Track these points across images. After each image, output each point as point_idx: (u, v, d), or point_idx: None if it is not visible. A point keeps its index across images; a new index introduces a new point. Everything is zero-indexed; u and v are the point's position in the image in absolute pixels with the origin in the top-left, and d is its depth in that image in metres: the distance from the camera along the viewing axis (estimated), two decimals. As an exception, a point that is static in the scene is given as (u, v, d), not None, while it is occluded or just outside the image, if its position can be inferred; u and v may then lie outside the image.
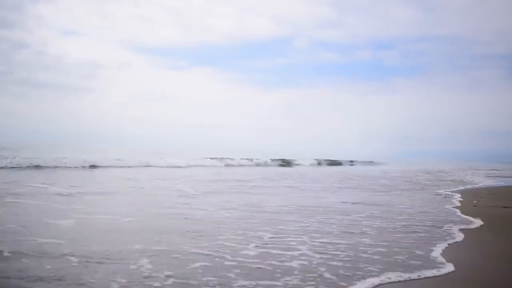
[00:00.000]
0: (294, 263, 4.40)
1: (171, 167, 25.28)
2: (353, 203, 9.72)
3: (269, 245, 5.20)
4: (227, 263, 4.41)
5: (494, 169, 38.18)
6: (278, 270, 4.16)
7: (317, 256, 4.73)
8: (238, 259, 4.56)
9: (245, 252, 4.86)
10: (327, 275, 4.04)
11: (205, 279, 3.89)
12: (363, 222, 7.04)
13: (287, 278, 3.90)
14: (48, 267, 4.10)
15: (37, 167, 18.63)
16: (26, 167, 18.23)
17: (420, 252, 5.04)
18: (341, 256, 4.78)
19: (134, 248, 4.86)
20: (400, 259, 4.71)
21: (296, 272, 4.10)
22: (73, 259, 4.36)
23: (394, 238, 5.87)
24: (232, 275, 4.01)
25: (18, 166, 18.07)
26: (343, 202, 9.98)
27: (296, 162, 40.26)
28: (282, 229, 6.29)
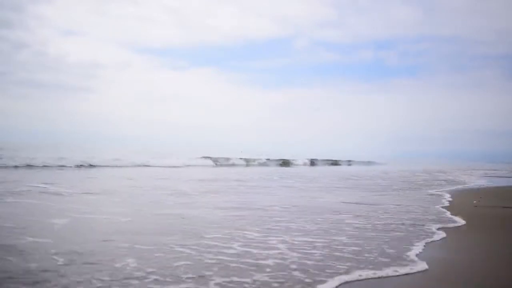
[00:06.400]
0: (269, 261, 4.60)
1: (169, 167, 25.52)
2: (345, 203, 9.92)
3: (251, 244, 5.41)
4: (207, 261, 4.62)
5: (493, 169, 38.18)
6: (252, 268, 4.36)
7: (293, 254, 4.94)
8: (219, 257, 4.77)
9: (227, 251, 5.07)
10: (296, 273, 4.23)
11: (184, 276, 4.10)
12: (347, 221, 7.25)
13: (258, 276, 4.11)
14: (33, 265, 4.30)
15: (30, 166, 18.88)
16: (24, 166, 18.47)
17: (393, 251, 5.21)
18: (315, 254, 4.97)
19: (121, 247, 5.08)
20: (372, 257, 4.88)
21: (268, 270, 4.29)
22: (59, 258, 4.56)
23: (370, 236, 6.05)
24: (210, 272, 4.22)
25: (16, 165, 18.31)
26: (336, 202, 10.18)
27: (296, 162, 40.52)
28: (268, 228, 6.50)
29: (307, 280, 4.04)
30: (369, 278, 4.19)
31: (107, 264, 4.41)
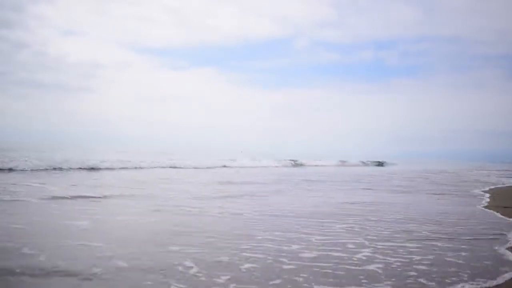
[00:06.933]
0: (371, 267, 3.96)
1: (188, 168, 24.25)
2: (383, 203, 9.18)
3: (321, 247, 4.72)
4: (285, 267, 3.93)
5: (496, 169, 37.22)
6: (360, 276, 3.72)
7: (391, 259, 4.29)
8: (295, 262, 4.08)
9: (300, 254, 4.37)
10: (422, 280, 3.60)
11: (271, 282, 3.43)
12: (411, 225, 6.50)
13: (377, 284, 3.44)
14: (97, 270, 3.71)
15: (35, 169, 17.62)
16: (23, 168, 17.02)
17: (502, 257, 4.56)
18: (416, 259, 4.33)
19: (174, 250, 4.43)
20: (488, 263, 4.26)
21: (382, 277, 3.67)
22: (117, 261, 3.94)
23: (469, 241, 5.36)
24: (298, 278, 3.54)
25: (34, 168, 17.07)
26: (370, 202, 9.41)
27: (315, 163, 38.78)
28: (324, 232, 5.71)
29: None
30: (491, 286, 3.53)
31: (169, 268, 3.78)
